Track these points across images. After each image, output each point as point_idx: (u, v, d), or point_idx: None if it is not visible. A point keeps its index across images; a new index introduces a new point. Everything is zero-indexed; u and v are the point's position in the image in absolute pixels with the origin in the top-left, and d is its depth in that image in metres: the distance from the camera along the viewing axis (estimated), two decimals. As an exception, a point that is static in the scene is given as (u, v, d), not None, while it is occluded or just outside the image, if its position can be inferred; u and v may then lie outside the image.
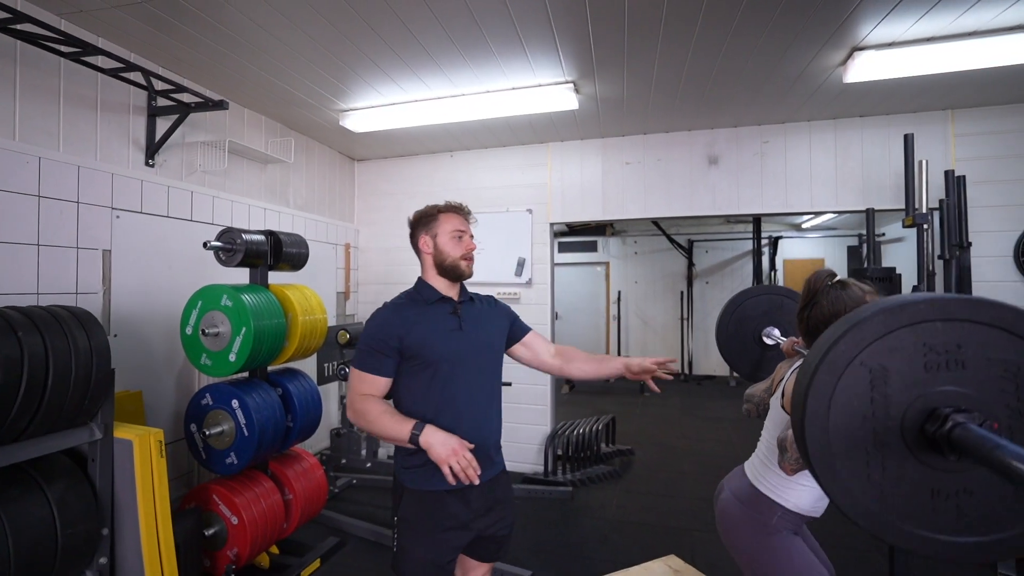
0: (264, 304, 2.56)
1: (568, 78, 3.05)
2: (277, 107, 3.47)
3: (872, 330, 0.83)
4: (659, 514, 3.58)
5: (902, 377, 0.83)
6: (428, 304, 1.65)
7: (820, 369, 0.84)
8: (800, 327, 1.65)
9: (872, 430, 0.84)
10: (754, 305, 2.40)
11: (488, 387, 1.67)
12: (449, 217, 1.70)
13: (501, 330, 1.77)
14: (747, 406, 1.89)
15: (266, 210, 3.56)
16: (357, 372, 1.60)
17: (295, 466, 2.86)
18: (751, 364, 2.39)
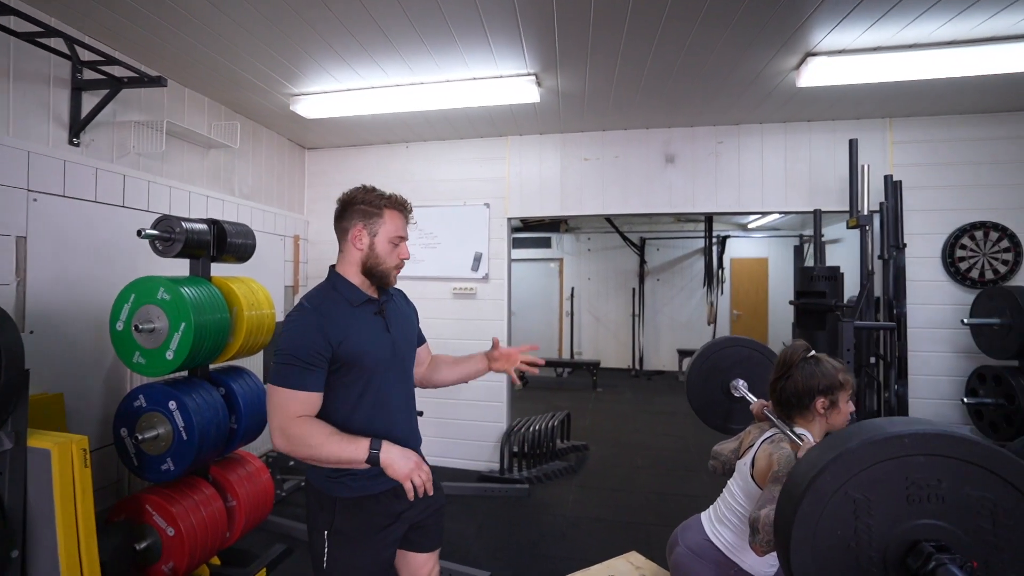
0: (206, 298, 2.38)
1: (530, 70, 3.00)
2: (222, 88, 3.25)
3: (857, 461, 0.84)
4: (615, 509, 3.61)
5: (885, 509, 0.85)
6: (354, 306, 1.51)
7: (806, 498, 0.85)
8: (772, 396, 1.66)
9: (856, 560, 0.85)
10: (723, 357, 2.37)
11: (410, 385, 1.66)
12: (393, 216, 1.53)
13: (415, 328, 1.74)
14: (713, 463, 1.87)
15: (208, 198, 3.33)
16: (284, 392, 1.36)
17: (239, 470, 2.69)
18: (721, 416, 2.38)
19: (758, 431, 1.71)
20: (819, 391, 1.54)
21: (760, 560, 1.55)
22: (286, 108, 3.50)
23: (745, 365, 2.37)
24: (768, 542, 1.31)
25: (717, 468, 1.86)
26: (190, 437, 2.29)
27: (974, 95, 3.33)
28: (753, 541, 1.34)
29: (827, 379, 1.54)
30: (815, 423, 1.56)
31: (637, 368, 9.17)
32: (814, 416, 1.56)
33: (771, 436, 1.59)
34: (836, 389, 1.54)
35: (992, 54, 2.68)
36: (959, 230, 3.62)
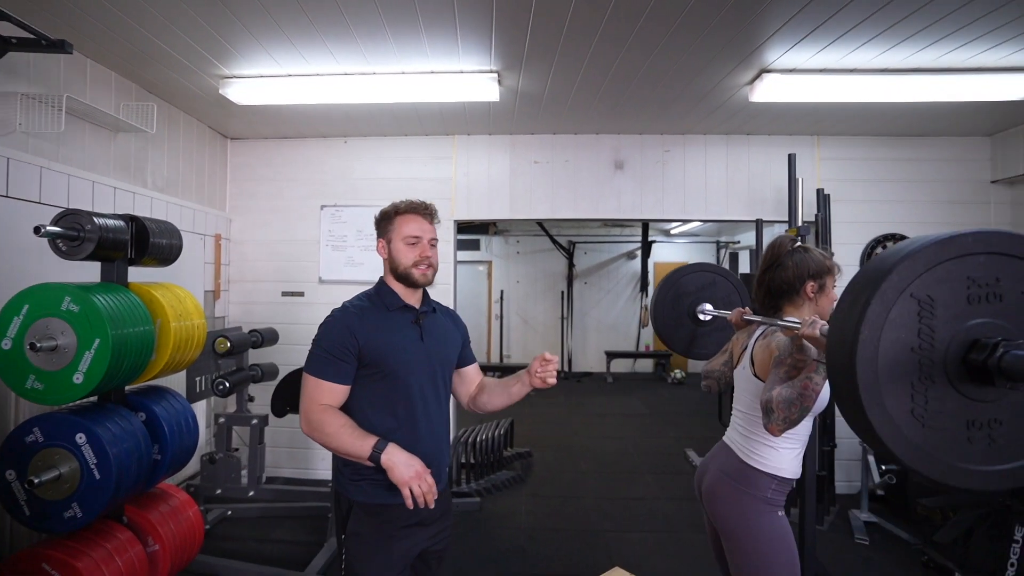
0: (126, 308, 2.01)
1: (494, 67, 2.87)
2: (136, 63, 2.80)
3: (923, 261, 0.84)
4: (569, 518, 3.56)
5: (947, 309, 0.85)
6: (390, 311, 1.55)
7: (874, 299, 0.83)
8: (759, 291, 1.69)
9: (918, 362, 0.85)
10: (690, 281, 2.46)
11: (441, 401, 1.62)
12: (406, 220, 1.57)
13: (454, 344, 1.70)
14: (707, 382, 1.92)
15: (116, 190, 2.86)
16: (314, 380, 1.47)
17: (160, 507, 2.31)
18: (686, 340, 2.46)
19: (745, 336, 1.77)
20: (809, 275, 1.59)
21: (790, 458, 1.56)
22: (213, 92, 3.09)
23: (709, 290, 2.47)
24: (785, 419, 1.33)
25: (712, 387, 1.91)
26: (104, 475, 1.92)
27: (892, 120, 3.64)
28: (769, 422, 1.35)
29: (816, 264, 1.60)
30: (804, 308, 1.61)
31: (566, 370, 9.28)
32: (803, 301, 1.61)
33: (761, 333, 1.64)
34: (824, 274, 1.60)
35: (915, 83, 2.93)
36: (875, 241, 3.96)
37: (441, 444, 1.59)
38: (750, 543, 1.53)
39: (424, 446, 1.50)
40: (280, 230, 4.10)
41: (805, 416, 1.35)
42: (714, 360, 1.94)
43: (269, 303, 4.06)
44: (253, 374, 3.16)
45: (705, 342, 2.50)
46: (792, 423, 1.34)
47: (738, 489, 1.57)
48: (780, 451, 1.56)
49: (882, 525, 3.36)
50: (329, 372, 1.46)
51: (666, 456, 4.87)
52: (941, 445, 0.84)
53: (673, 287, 2.49)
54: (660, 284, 2.53)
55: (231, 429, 3.17)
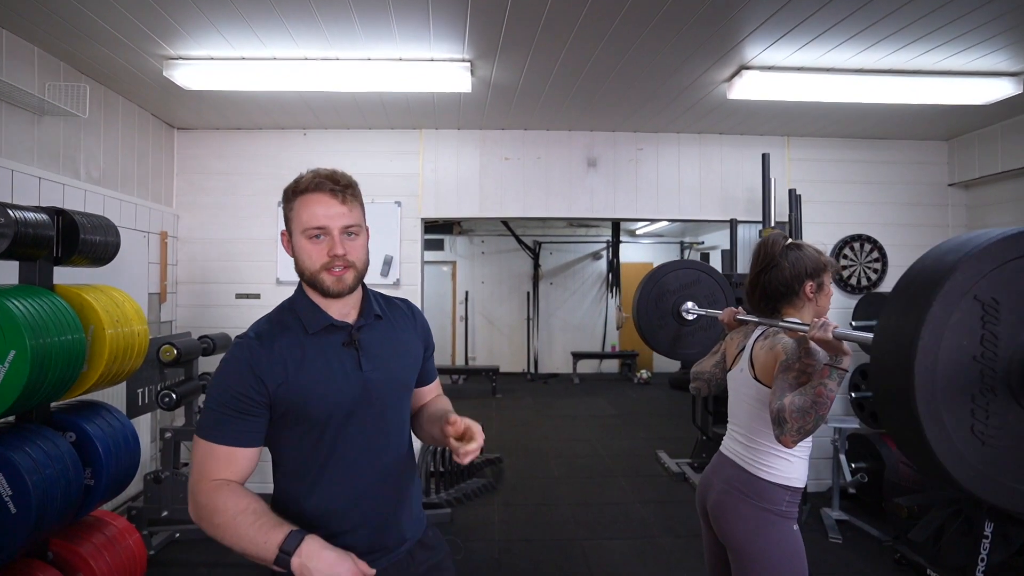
0: (49, 314, 1.76)
1: (467, 56, 2.71)
2: (65, 38, 2.50)
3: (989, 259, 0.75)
4: (543, 527, 3.44)
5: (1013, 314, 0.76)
6: (309, 334, 1.13)
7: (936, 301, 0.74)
8: (752, 293, 1.61)
9: (980, 373, 0.76)
10: (673, 279, 2.38)
11: (395, 442, 1.21)
12: (307, 202, 1.10)
13: (414, 359, 1.26)
14: (696, 383, 1.84)
15: (41, 180, 2.55)
16: (202, 445, 1.06)
17: (94, 538, 2.05)
18: (669, 339, 2.38)
19: (740, 336, 1.69)
20: (807, 275, 1.53)
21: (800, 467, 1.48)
22: (157, 74, 2.81)
23: (692, 288, 2.40)
24: (799, 430, 1.24)
25: (701, 388, 1.83)
26: (23, 508, 1.67)
27: (859, 122, 3.69)
28: (781, 433, 1.27)
29: (813, 262, 1.54)
30: (804, 309, 1.55)
31: (533, 372, 9.19)
32: (803, 302, 1.54)
33: (762, 334, 1.56)
34: (822, 271, 1.54)
35: (886, 85, 2.94)
36: (842, 241, 4.01)
37: (399, 495, 1.20)
38: (763, 559, 1.44)
39: (371, 506, 1.14)
40: (233, 228, 3.81)
41: (820, 425, 1.26)
42: (704, 361, 1.85)
43: (222, 306, 3.76)
44: (203, 384, 2.89)
45: (689, 342, 2.43)
46: (806, 433, 1.25)
47: (750, 503, 1.48)
48: (791, 460, 1.48)
49: (853, 523, 3.39)
50: (225, 433, 1.05)
51: (638, 458, 4.82)
52: (1004, 467, 0.76)
53: (656, 285, 2.41)
54: (642, 283, 2.44)
55: (179, 444, 2.89)
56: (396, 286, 3.84)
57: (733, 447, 1.60)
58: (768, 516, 1.46)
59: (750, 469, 1.51)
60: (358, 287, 1.18)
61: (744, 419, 1.57)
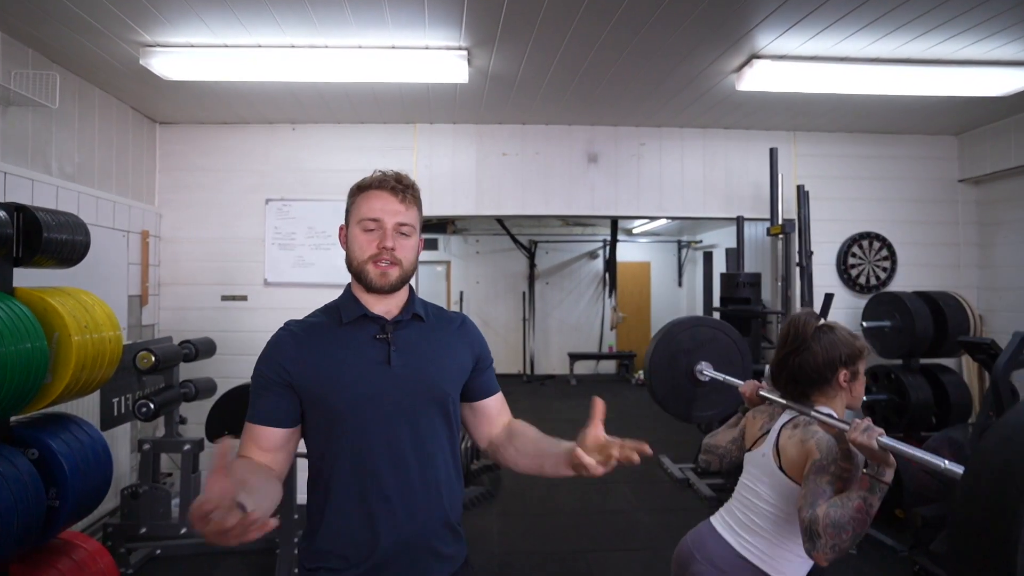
0: (7, 320, 1.60)
1: (463, 43, 2.57)
2: (31, 22, 2.33)
3: None
4: (544, 538, 3.29)
5: None
6: (342, 325, 1.11)
7: None
8: (780, 375, 1.47)
9: None
10: (688, 337, 2.19)
11: (426, 452, 1.10)
12: (367, 198, 1.13)
13: (458, 367, 1.18)
14: (706, 457, 1.66)
15: (7, 175, 2.38)
16: (245, 427, 1.09)
17: (60, 563, 1.88)
18: (685, 403, 2.20)
19: (764, 417, 1.54)
20: (841, 362, 1.39)
21: (800, 567, 1.34)
22: (133, 63, 2.64)
23: (710, 346, 2.22)
24: (834, 546, 1.11)
25: (712, 463, 1.66)
26: (-23, 534, 1.50)
27: (867, 116, 3.57)
28: (813, 549, 1.13)
29: (847, 348, 1.40)
30: (837, 399, 1.41)
31: (528, 373, 9.05)
32: (836, 391, 1.41)
33: (791, 421, 1.40)
34: (857, 359, 1.41)
35: (900, 75, 2.82)
36: (850, 239, 3.89)
37: (429, 510, 1.09)
38: None
39: (398, 515, 1.05)
40: (219, 226, 3.65)
41: (857, 542, 1.14)
42: (720, 435, 1.67)
43: (206, 308, 3.60)
44: (185, 392, 2.73)
45: (704, 404, 2.24)
46: (842, 552, 1.12)
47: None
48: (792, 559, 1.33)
49: (869, 533, 3.26)
50: (255, 412, 1.07)
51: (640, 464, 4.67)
52: None
53: (670, 344, 2.21)
54: (655, 341, 2.24)
55: (159, 456, 2.73)
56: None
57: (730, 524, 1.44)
58: None
59: (743, 552, 1.36)
60: (402, 288, 1.16)
61: (756, 506, 1.40)
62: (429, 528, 1.09)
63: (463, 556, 1.17)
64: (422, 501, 1.09)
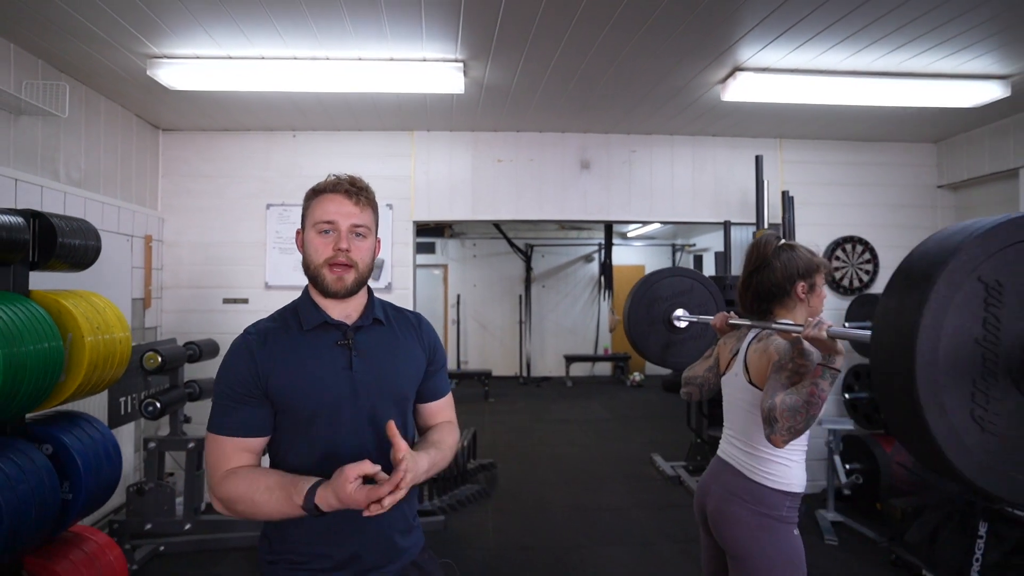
0: (24, 321, 1.68)
1: (460, 56, 2.67)
2: (43, 34, 2.42)
3: (995, 241, 0.74)
4: (538, 534, 3.38)
5: (1017, 297, 0.74)
6: (304, 331, 1.15)
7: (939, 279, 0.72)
8: (744, 295, 1.61)
9: (982, 356, 0.74)
10: (665, 286, 2.37)
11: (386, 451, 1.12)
12: (321, 201, 1.15)
13: (416, 369, 1.24)
14: (687, 389, 1.81)
15: (17, 182, 2.46)
16: (210, 439, 1.10)
17: (72, 554, 1.97)
18: (659, 347, 2.36)
19: (733, 341, 1.68)
20: (799, 275, 1.52)
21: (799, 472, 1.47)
22: (140, 73, 2.73)
23: (684, 296, 2.38)
24: (790, 429, 1.25)
25: (693, 393, 1.80)
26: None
27: (850, 124, 3.69)
28: (771, 432, 1.27)
29: (805, 263, 1.53)
30: (796, 310, 1.54)
31: (525, 375, 9.14)
32: (795, 303, 1.53)
33: (755, 337, 1.55)
34: (814, 272, 1.54)
35: (878, 87, 2.94)
36: (834, 243, 4.01)
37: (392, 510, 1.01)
38: (765, 565, 1.41)
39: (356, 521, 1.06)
40: (220, 231, 3.73)
41: (811, 425, 1.26)
42: (696, 366, 1.82)
43: (208, 311, 3.68)
44: (190, 391, 2.81)
45: (679, 350, 2.41)
46: (797, 433, 1.25)
47: (750, 509, 1.45)
48: (790, 465, 1.46)
49: (848, 524, 3.37)
50: (229, 423, 1.08)
51: (633, 462, 4.78)
52: (1003, 454, 0.74)
53: (647, 292, 2.39)
54: (634, 289, 2.42)
55: (163, 455, 2.81)
56: (388, 290, 3.78)
57: (731, 452, 1.57)
58: (768, 522, 1.44)
59: (749, 475, 1.49)
60: (359, 291, 1.19)
61: (741, 424, 1.54)
62: (389, 522, 1.15)
63: (420, 545, 1.25)
64: None
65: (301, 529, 1.12)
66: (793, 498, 1.46)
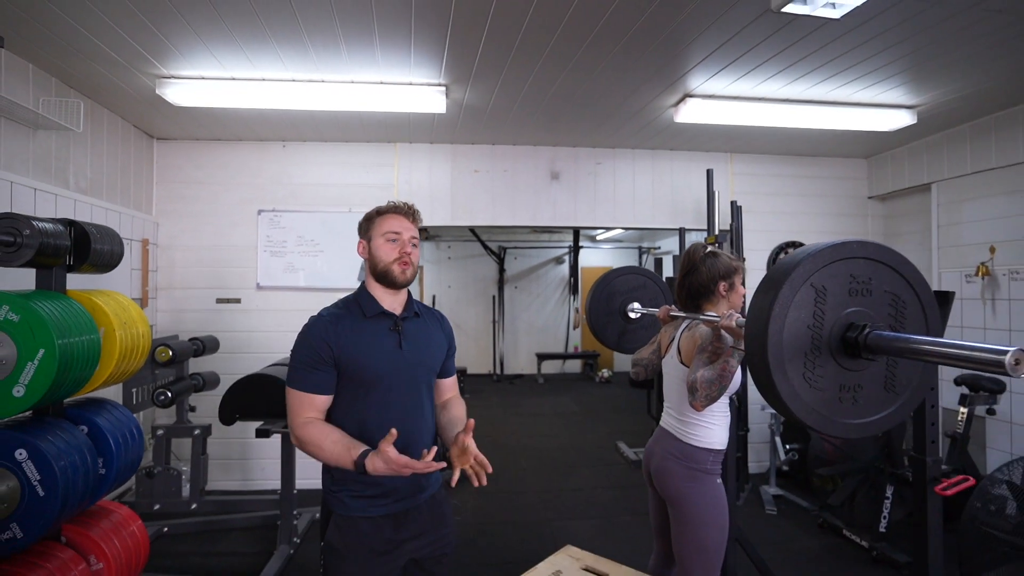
0: (70, 316, 1.93)
1: (443, 81, 2.99)
2: (59, 56, 2.63)
3: (823, 258, 1.08)
4: (515, 511, 3.72)
5: (835, 298, 1.09)
6: (367, 317, 1.53)
7: (785, 284, 1.06)
8: (680, 292, 1.97)
9: (811, 337, 1.08)
10: (622, 282, 2.72)
11: (422, 408, 1.59)
12: (387, 219, 1.56)
13: (440, 352, 1.66)
14: (636, 369, 2.16)
15: (36, 191, 2.68)
16: (294, 393, 1.46)
17: (102, 523, 2.21)
18: (616, 335, 2.72)
19: (672, 329, 2.03)
20: (720, 276, 1.86)
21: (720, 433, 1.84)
22: (149, 92, 2.96)
23: (639, 291, 2.75)
24: (706, 396, 1.61)
25: (640, 373, 2.15)
26: (50, 492, 1.84)
27: (792, 141, 4.15)
28: (693, 399, 1.62)
29: (725, 267, 1.87)
30: (719, 305, 1.89)
31: (498, 373, 9.46)
32: (718, 299, 1.87)
33: (687, 326, 1.91)
34: (732, 274, 1.88)
35: (810, 113, 3.38)
36: (778, 247, 4.44)
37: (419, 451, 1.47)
38: (694, 507, 1.78)
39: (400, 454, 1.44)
40: (213, 235, 3.95)
41: (723, 394, 1.64)
42: (643, 350, 2.18)
43: (202, 310, 3.89)
44: (195, 383, 3.05)
45: (633, 338, 2.77)
46: (712, 399, 1.62)
47: (683, 464, 1.82)
48: (711, 428, 1.83)
49: (787, 497, 3.82)
50: (306, 382, 1.44)
51: (599, 449, 5.17)
52: (822, 403, 1.10)
53: (607, 287, 2.75)
54: (595, 284, 2.77)
55: (170, 441, 3.04)
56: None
57: (668, 421, 1.94)
58: (697, 474, 1.81)
59: (681, 438, 1.86)
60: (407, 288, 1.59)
61: (676, 398, 1.91)
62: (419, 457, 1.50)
63: (439, 484, 1.65)
64: (416, 439, 1.54)
65: None
66: (716, 454, 1.83)
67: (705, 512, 1.78)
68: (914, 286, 1.15)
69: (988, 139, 3.60)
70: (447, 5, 2.23)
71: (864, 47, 2.64)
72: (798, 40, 2.58)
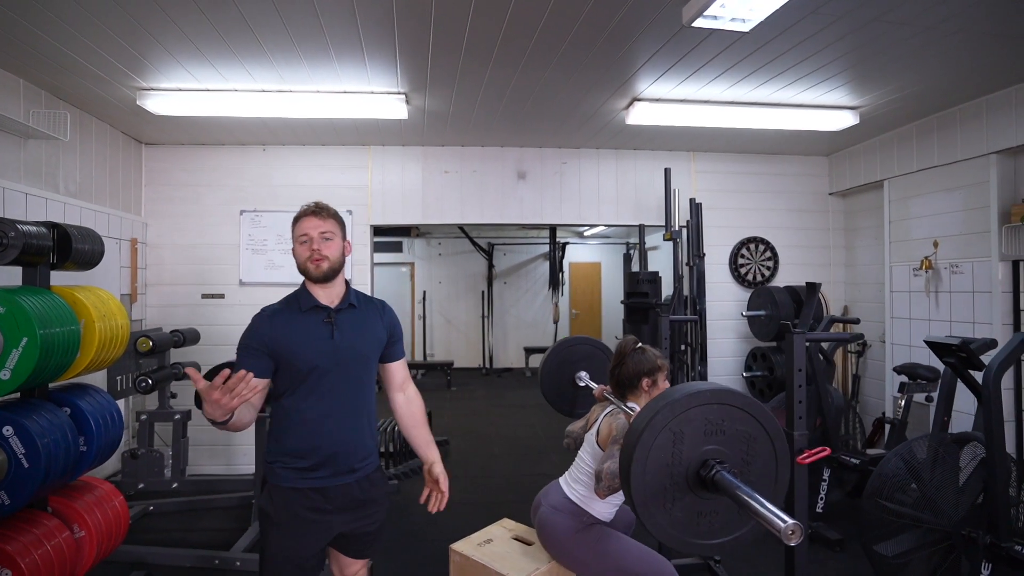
0: (51, 309, 2.17)
1: (401, 89, 3.20)
2: (47, 71, 2.87)
3: (680, 406, 1.24)
4: (479, 492, 3.95)
5: (690, 439, 1.25)
6: (302, 311, 1.68)
7: (646, 431, 1.23)
8: (611, 380, 2.10)
9: (671, 475, 1.24)
10: (573, 352, 2.83)
11: (355, 396, 1.72)
12: (299, 224, 1.71)
13: (378, 340, 1.79)
14: (567, 440, 2.29)
15: (27, 195, 2.92)
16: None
17: (85, 497, 2.45)
18: (569, 402, 2.84)
19: (600, 409, 2.14)
20: (644, 373, 1.99)
21: (604, 504, 1.97)
22: (131, 103, 3.19)
23: (588, 360, 2.85)
24: (608, 487, 1.72)
25: (570, 445, 2.28)
26: (33, 465, 2.07)
27: (752, 140, 4.32)
28: (597, 487, 1.75)
29: (649, 364, 2.00)
30: (642, 398, 2.03)
31: (487, 366, 9.69)
32: (641, 393, 2.01)
33: (610, 411, 2.03)
34: (656, 371, 2.01)
35: (757, 114, 3.56)
36: (740, 243, 4.65)
37: (358, 435, 1.70)
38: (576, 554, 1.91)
39: (333, 439, 1.64)
40: (198, 234, 4.19)
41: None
42: (576, 424, 2.31)
43: (189, 305, 4.14)
44: (176, 372, 3.29)
45: (585, 403, 2.83)
46: (614, 491, 1.73)
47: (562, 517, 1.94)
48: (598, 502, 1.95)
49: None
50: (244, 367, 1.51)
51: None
52: (680, 527, 1.27)
53: (558, 355, 2.85)
54: (548, 353, 2.86)
55: (153, 425, 3.29)
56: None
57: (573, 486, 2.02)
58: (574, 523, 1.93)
59: (570, 495, 1.97)
60: (336, 279, 1.71)
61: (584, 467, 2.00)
62: (354, 441, 1.70)
63: (375, 464, 1.81)
64: (354, 421, 1.71)
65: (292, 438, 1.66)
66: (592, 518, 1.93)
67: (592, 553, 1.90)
68: (762, 422, 1.28)
69: (931, 138, 3.77)
70: (389, 20, 2.41)
71: (802, 46, 2.67)
72: (725, 48, 2.70)
